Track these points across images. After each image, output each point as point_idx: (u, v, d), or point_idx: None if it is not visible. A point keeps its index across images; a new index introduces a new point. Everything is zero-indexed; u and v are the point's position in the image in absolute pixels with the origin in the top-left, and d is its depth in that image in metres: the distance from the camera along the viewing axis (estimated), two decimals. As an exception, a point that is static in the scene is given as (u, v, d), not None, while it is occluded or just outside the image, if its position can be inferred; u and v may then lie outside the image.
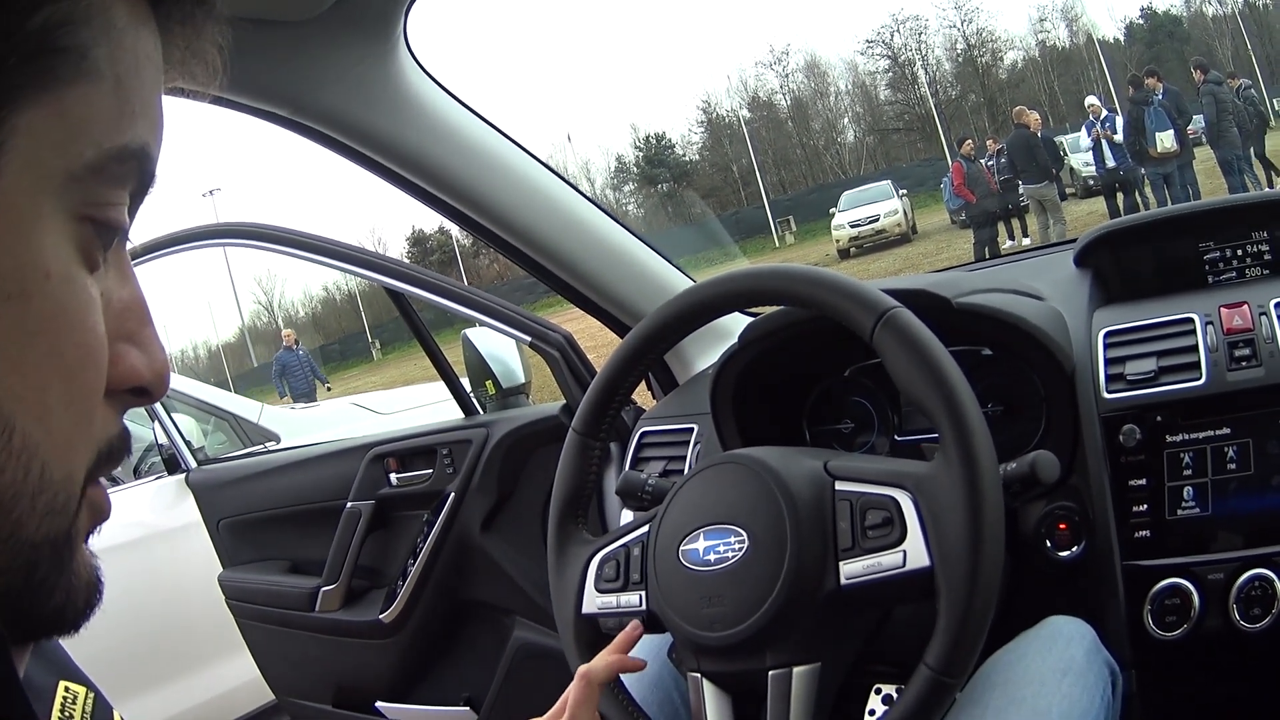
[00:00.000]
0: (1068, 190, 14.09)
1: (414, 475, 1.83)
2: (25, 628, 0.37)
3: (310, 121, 1.21)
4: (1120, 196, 10.84)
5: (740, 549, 0.78)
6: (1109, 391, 1.05)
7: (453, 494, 1.75)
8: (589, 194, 1.51)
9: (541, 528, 0.95)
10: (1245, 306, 1.05)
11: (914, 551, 0.72)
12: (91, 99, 0.35)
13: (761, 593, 0.75)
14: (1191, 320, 1.06)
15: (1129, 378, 1.05)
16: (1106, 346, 1.09)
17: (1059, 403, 1.07)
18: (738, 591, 0.77)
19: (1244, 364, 1.00)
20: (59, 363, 0.34)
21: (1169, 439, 1.02)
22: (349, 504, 1.85)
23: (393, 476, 1.85)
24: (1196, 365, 1.02)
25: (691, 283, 1.45)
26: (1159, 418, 1.02)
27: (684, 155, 42.83)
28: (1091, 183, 12.72)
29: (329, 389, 13.18)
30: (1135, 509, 1.02)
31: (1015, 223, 12.26)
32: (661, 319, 0.93)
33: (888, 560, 0.73)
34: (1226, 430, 1.00)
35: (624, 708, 0.86)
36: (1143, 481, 1.02)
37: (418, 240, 44.85)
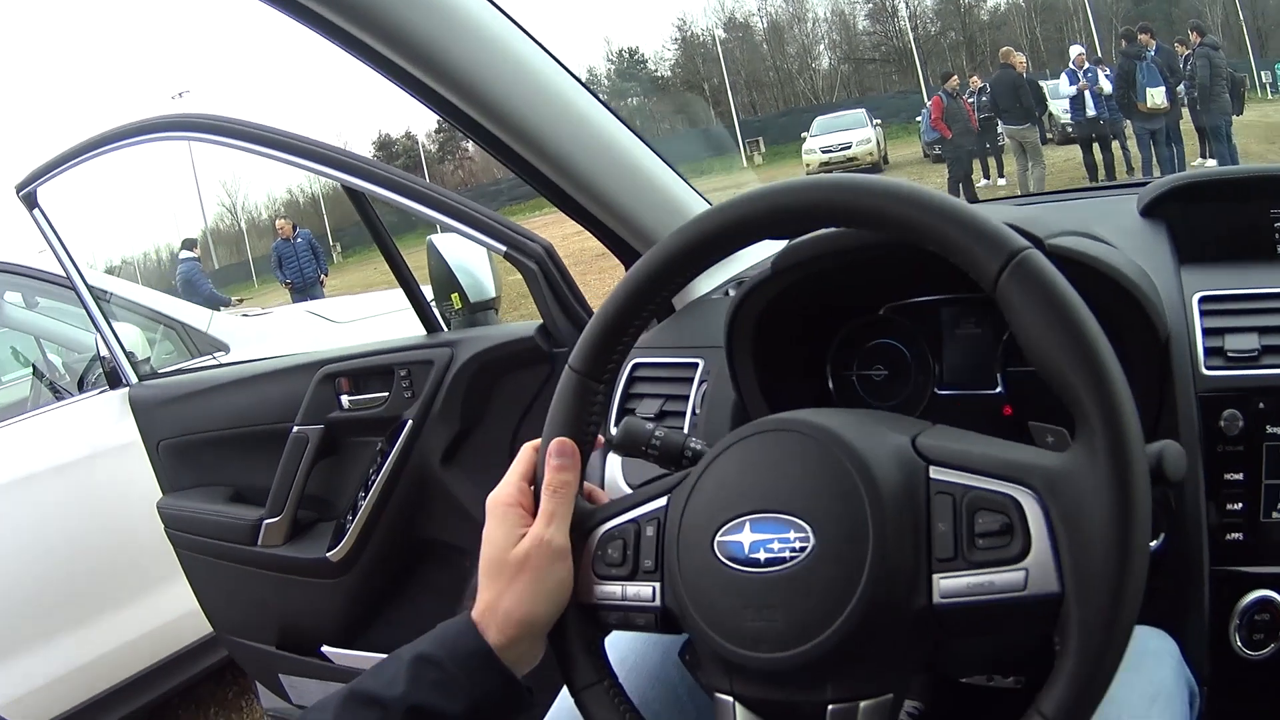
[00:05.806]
0: (1047, 135, 13.92)
1: (368, 398, 1.66)
2: None
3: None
4: (1096, 148, 10.71)
5: (803, 549, 0.60)
6: (1208, 368, 0.90)
7: (411, 421, 1.59)
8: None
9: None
10: None
11: (1039, 572, 0.55)
12: None
13: (830, 608, 0.58)
14: None
15: (1229, 354, 0.90)
16: (1203, 314, 0.93)
17: (1145, 374, 0.91)
18: (797, 603, 0.60)
19: None
20: None
21: (1270, 430, 0.87)
22: (296, 428, 1.68)
23: (344, 399, 1.67)
24: None
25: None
26: (1262, 404, 0.88)
27: (656, 71, 42.06)
28: (1070, 130, 12.56)
29: (321, 279, 12.60)
30: (1229, 507, 0.87)
31: (991, 161, 12.12)
32: (688, 239, 0.71)
33: (1002, 580, 0.56)
34: None
35: (619, 712, 0.70)
36: (1239, 476, 0.88)
37: (383, 144, 44.54)
